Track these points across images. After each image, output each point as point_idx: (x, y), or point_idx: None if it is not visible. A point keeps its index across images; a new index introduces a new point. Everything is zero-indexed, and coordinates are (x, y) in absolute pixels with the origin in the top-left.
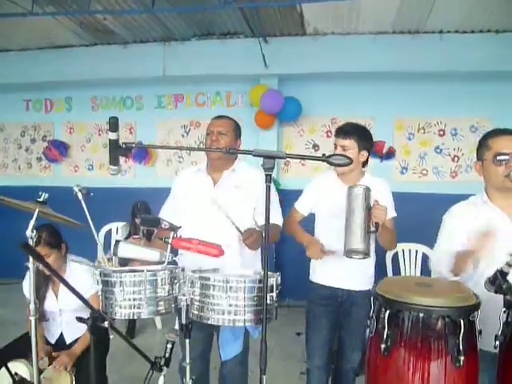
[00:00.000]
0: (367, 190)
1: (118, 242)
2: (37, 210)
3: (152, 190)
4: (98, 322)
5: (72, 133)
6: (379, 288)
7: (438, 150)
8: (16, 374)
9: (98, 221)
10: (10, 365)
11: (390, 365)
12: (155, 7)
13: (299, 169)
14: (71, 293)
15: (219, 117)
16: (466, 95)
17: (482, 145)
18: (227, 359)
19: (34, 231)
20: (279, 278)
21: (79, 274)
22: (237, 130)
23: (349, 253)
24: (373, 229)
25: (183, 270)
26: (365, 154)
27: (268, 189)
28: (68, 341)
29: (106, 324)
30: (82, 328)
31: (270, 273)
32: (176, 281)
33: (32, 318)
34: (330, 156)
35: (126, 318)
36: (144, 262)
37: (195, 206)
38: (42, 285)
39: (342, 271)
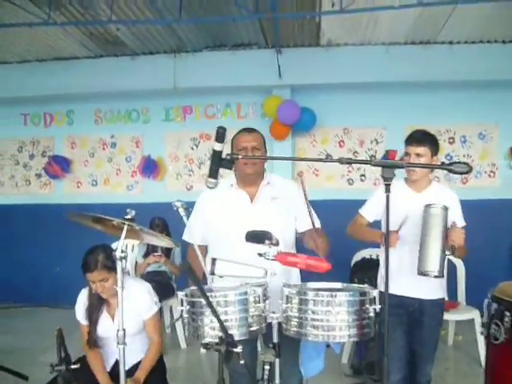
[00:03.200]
0: (445, 209)
1: (214, 259)
2: (125, 228)
3: (161, 205)
4: (231, 348)
5: (74, 147)
6: (501, 293)
7: (449, 157)
8: None
9: (106, 238)
10: None
11: None
12: (174, 18)
13: (313, 179)
14: (130, 315)
15: (249, 130)
16: (474, 103)
17: None
18: (310, 376)
19: (123, 252)
20: None
21: (137, 295)
22: (265, 142)
23: (422, 273)
24: (448, 252)
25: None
26: (436, 159)
27: (387, 199)
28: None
29: (239, 349)
30: (139, 352)
31: (367, 285)
32: (265, 298)
33: (121, 347)
34: (451, 164)
35: (216, 340)
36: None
37: (232, 223)
38: (96, 308)
39: (413, 280)
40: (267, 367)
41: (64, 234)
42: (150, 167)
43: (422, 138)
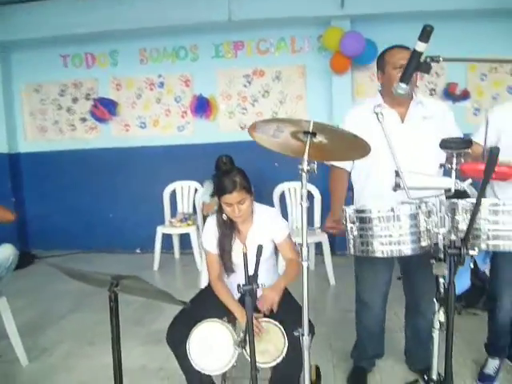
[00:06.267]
0: None
1: (397, 172)
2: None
3: (213, 145)
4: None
5: (120, 89)
6: None
7: (511, 90)
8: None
9: (159, 181)
10: (206, 326)
11: None
12: None
13: None
14: (263, 239)
15: (404, 47)
16: None
17: None
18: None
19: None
20: None
21: (266, 219)
22: None
23: None
24: None
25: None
26: None
27: None
28: None
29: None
30: (266, 281)
31: None
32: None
33: (305, 264)
34: None
35: (388, 255)
36: None
37: (383, 144)
38: (228, 237)
39: None
40: (442, 280)
41: (114, 179)
42: (202, 106)
43: None
